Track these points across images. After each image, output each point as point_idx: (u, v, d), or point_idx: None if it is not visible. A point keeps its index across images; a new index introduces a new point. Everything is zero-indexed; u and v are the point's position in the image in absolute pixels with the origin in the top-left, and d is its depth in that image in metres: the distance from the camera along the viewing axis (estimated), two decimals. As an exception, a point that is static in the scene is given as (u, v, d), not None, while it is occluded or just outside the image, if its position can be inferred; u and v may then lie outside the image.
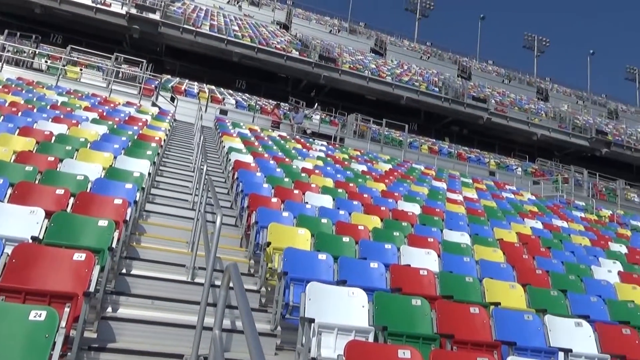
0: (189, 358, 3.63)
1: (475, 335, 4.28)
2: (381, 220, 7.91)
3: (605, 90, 48.43)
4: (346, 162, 14.44)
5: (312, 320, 3.71)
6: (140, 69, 18.70)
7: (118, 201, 5.44)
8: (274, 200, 7.57)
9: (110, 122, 10.90)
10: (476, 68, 40.55)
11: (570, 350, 4.27)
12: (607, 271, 7.96)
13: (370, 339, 3.79)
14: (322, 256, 5.29)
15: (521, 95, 37.51)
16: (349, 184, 10.61)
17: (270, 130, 18.12)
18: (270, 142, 14.48)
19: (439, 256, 6.45)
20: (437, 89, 30.52)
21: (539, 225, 11.23)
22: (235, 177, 8.84)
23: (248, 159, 10.72)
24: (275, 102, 23.60)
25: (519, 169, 26.19)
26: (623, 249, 10.54)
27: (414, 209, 9.62)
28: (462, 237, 8.05)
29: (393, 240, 6.72)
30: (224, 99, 23.96)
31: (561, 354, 4.23)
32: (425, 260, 6.20)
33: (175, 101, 18.77)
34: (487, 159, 26.48)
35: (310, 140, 18.20)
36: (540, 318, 4.73)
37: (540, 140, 31.84)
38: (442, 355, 3.56)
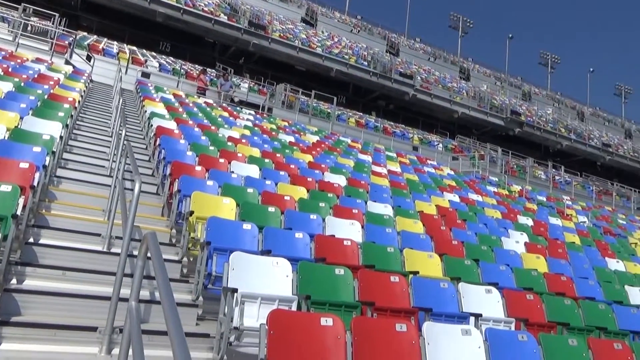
0: (103, 330, 3.47)
1: (394, 302, 4.44)
2: (307, 191, 7.93)
3: (520, 73, 51.40)
4: (274, 133, 14.29)
5: (235, 290, 3.65)
6: (53, 23, 17.21)
7: (24, 165, 5.02)
8: (198, 168, 7.34)
9: (16, 80, 9.97)
10: (404, 45, 41.34)
11: (480, 315, 4.55)
12: (515, 242, 8.55)
13: (294, 308, 3.81)
14: (246, 226, 5.22)
15: (445, 73, 38.85)
16: (276, 155, 10.52)
17: (195, 96, 17.47)
18: (195, 109, 13.98)
19: (362, 227, 6.59)
20: (366, 63, 30.82)
21: (456, 198, 11.80)
22: (157, 143, 8.46)
23: (171, 125, 10.29)
24: (201, 68, 22.74)
25: (440, 145, 27.31)
26: (529, 222, 11.37)
27: (340, 180, 9.74)
28: (385, 209, 8.28)
29: (318, 211, 6.77)
30: (146, 61, 22.72)
31: (472, 319, 4.49)
32: (349, 230, 6.31)
33: (92, 60, 17.50)
34: (411, 135, 27.33)
35: (238, 108, 17.79)
36: (454, 286, 4.98)
37: (460, 118, 33.28)
38: (363, 322, 3.65)
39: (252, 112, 17.69)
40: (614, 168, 37.34)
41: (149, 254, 2.61)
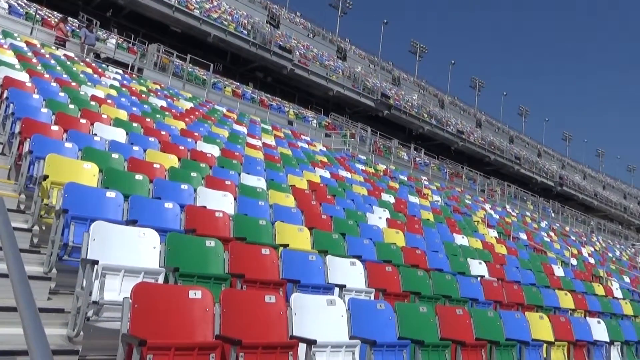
0: None
1: (264, 274, 4.50)
2: (179, 159, 7.62)
3: (392, 59, 54.26)
4: (144, 95, 13.40)
5: (95, 262, 3.41)
6: None
7: None
8: (55, 128, 6.63)
9: None
10: (285, 17, 41.12)
11: (345, 286, 4.81)
12: (378, 218, 9.15)
13: (161, 281, 3.67)
14: (110, 194, 4.87)
15: (323, 51, 39.52)
16: (145, 119, 9.90)
17: (53, 47, 15.63)
18: (53, 62, 12.54)
19: (235, 199, 6.54)
20: (245, 32, 30.11)
21: (327, 174, 12.22)
22: (5, 96, 7.46)
23: (23, 77, 9.12)
24: (62, 16, 20.35)
25: (315, 121, 27.94)
26: (392, 199, 12.22)
27: (214, 150, 9.50)
28: (258, 182, 8.29)
29: (190, 181, 6.55)
30: (-8, 0, 19.70)
31: (337, 289, 4.74)
32: (221, 202, 6.22)
33: None
34: (287, 109, 27.55)
35: (104, 66, 16.33)
36: (322, 258, 5.20)
37: (335, 96, 34.27)
38: (232, 294, 3.65)
39: (120, 72, 16.37)
40: (465, 153, 41.51)
41: (-8, 222, 2.31)
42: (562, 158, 63.13)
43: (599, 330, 6.71)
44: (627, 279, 16.20)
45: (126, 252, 3.85)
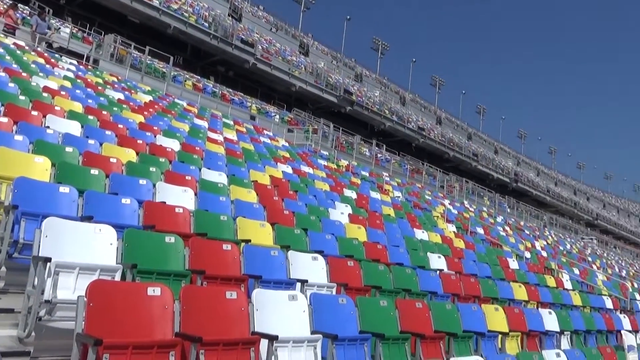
0: None
1: (226, 270, 4.45)
2: (137, 154, 7.42)
3: (354, 55, 54.56)
4: (100, 87, 12.98)
5: (48, 259, 3.28)
6: None
7: None
8: (4, 120, 6.34)
9: None
10: (247, 11, 40.62)
11: (306, 281, 4.82)
12: (340, 213, 9.21)
13: (118, 278, 3.57)
14: (64, 189, 4.69)
15: (286, 46, 39.29)
16: (101, 112, 9.58)
17: (2, 35, 14.92)
18: (1, 50, 11.97)
19: (195, 194, 6.43)
20: (207, 25, 29.57)
21: (289, 170, 12.19)
22: (-51, 86, 7.08)
23: (-32, 66, 8.67)
24: (11, 2, 19.43)
25: (277, 116, 27.81)
26: (354, 195, 12.31)
27: (173, 145, 9.31)
28: (219, 177, 8.18)
29: (149, 176, 6.40)
30: None
31: (299, 284, 4.74)
32: (181, 198, 6.10)
33: None
34: (249, 104, 27.27)
35: (57, 56, 15.71)
36: (284, 253, 5.18)
37: (298, 91, 34.17)
38: (192, 290, 3.59)
39: (75, 62, 15.79)
40: (425, 150, 42.25)
41: None
42: (518, 155, 65.22)
43: (550, 321, 6.99)
44: (576, 271, 16.92)
45: (81, 249, 3.72)
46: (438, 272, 7.35)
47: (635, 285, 20.89)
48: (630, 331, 8.10)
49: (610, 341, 7.99)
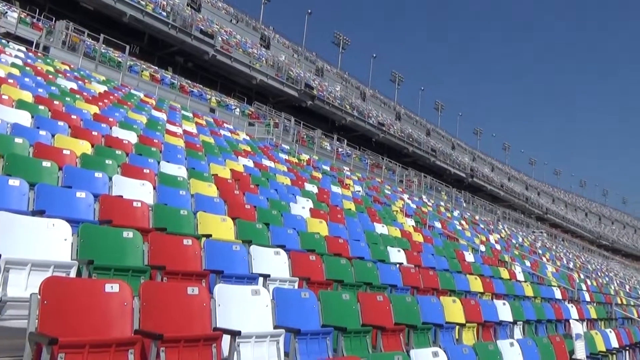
0: None
1: (186, 265, 4.36)
2: (92, 146, 7.18)
3: (316, 49, 54.42)
4: (51, 76, 12.45)
5: (-3, 256, 3.12)
6: None
7: None
8: (-53, 109, 5.99)
9: None
10: (207, 1, 39.82)
11: (269, 276, 4.79)
12: (302, 207, 9.20)
13: (73, 275, 3.44)
14: (13, 182, 4.48)
15: (246, 38, 38.79)
16: (53, 102, 9.20)
17: (-56, 18, 14.08)
18: (-57, 35, 11.29)
19: (154, 188, 6.28)
20: (164, 14, 28.81)
21: (250, 163, 12.08)
22: None
23: None
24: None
25: (238, 109, 27.47)
26: (315, 189, 12.33)
27: (130, 137, 9.05)
28: (179, 171, 8.02)
29: (104, 169, 6.20)
30: None
31: (261, 279, 4.71)
32: (139, 191, 5.95)
33: None
34: (209, 96, 26.83)
35: (3, 42, 14.95)
36: (246, 248, 5.14)
37: (259, 85, 33.85)
38: (152, 287, 3.50)
39: (23, 49, 15.09)
40: (385, 145, 42.78)
41: None
42: (473, 151, 67.01)
43: (504, 311, 7.23)
44: (528, 263, 17.59)
45: (33, 244, 3.57)
46: (398, 265, 7.47)
47: (582, 276, 21.93)
48: (577, 320, 8.49)
49: (559, 330, 8.35)
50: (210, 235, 5.17)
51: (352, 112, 40.06)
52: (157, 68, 26.93)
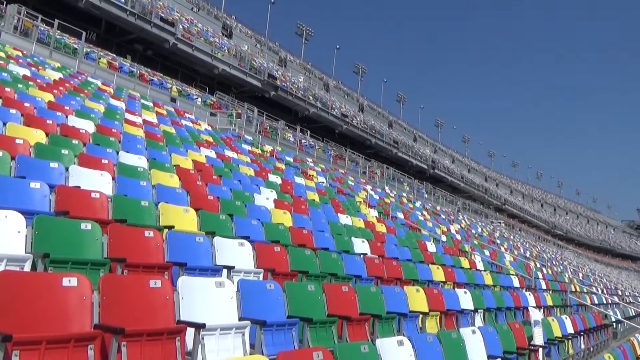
0: None
1: (148, 258, 4.25)
2: (46, 135, 6.89)
3: (279, 39, 53.99)
4: (2, 62, 11.87)
5: (-57, 250, 2.95)
6: None
7: None
8: None
9: None
10: (167, -12, 38.83)
11: (233, 267, 4.73)
12: (266, 198, 9.13)
13: (27, 268, 3.29)
14: (-38, 172, 4.25)
15: (208, 27, 38.03)
16: (4, 88, 8.79)
17: None
18: None
19: (113, 179, 6.10)
20: (123, 0, 27.91)
21: (212, 154, 11.89)
22: None
23: None
24: None
25: (199, 99, 26.95)
26: (278, 180, 12.26)
27: (88, 126, 8.75)
28: (139, 161, 7.81)
29: (60, 159, 5.97)
30: None
31: (225, 271, 4.64)
32: (98, 182, 5.76)
33: None
34: (170, 85, 26.20)
35: (-51, 24, 14.15)
36: (209, 239, 5.05)
37: (221, 74, 33.30)
38: (112, 280, 3.39)
39: (-29, 33, 14.31)
40: (349, 136, 42.96)
41: None
42: (435, 143, 68.21)
43: (465, 300, 7.42)
44: (487, 253, 18.09)
45: (-17, 237, 3.39)
46: (362, 256, 7.52)
47: (538, 265, 22.75)
48: (535, 307, 8.80)
49: (517, 317, 8.64)
50: (173, 227, 5.05)
51: (316, 103, 40.00)
52: (115, 55, 26.05)
